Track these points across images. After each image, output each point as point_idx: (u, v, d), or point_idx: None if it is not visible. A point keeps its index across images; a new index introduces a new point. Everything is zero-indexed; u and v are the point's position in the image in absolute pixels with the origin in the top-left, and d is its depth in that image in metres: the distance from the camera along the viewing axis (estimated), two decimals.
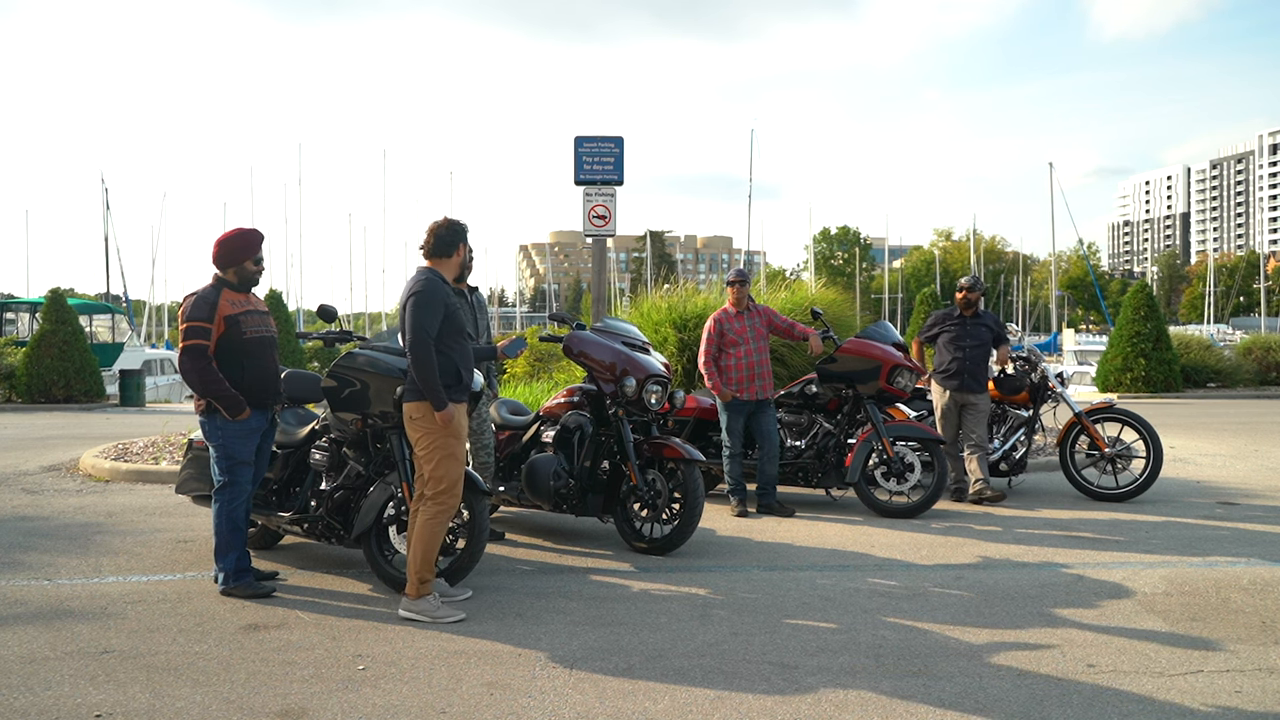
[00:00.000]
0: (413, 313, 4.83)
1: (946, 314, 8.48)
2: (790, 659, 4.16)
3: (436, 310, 4.86)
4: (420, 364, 4.78)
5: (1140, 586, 5.33)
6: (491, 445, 6.58)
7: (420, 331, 4.80)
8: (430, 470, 4.81)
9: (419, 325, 4.81)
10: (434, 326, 4.84)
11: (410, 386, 4.87)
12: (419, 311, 4.82)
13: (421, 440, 4.83)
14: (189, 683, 3.89)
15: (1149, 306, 21.83)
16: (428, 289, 4.89)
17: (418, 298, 4.85)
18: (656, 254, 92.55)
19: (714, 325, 7.73)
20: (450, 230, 5.09)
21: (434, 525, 4.81)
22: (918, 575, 5.63)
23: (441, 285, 4.97)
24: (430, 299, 4.86)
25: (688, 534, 6.11)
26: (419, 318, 4.81)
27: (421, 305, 4.83)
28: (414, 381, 4.84)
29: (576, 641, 4.40)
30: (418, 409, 4.83)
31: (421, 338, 4.80)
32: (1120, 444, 8.26)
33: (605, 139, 10.79)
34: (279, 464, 5.83)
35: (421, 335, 4.80)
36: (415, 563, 4.82)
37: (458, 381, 4.94)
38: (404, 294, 4.95)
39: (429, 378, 4.77)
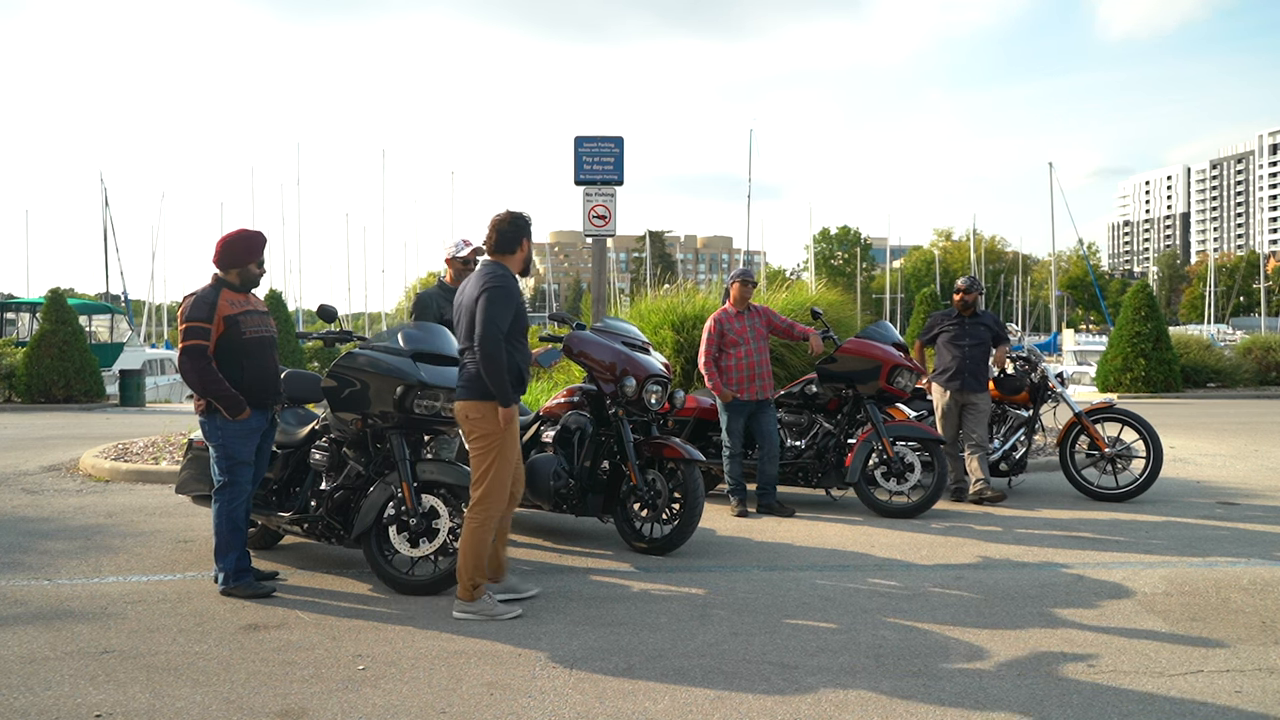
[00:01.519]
0: (486, 308, 4.73)
1: (945, 314, 8.48)
2: (790, 659, 4.16)
3: (510, 307, 4.80)
4: (491, 360, 4.70)
5: (1140, 586, 5.33)
6: None
7: (493, 327, 4.72)
8: (482, 470, 4.77)
9: (491, 321, 4.72)
10: (506, 323, 4.77)
11: (468, 384, 4.81)
12: (492, 307, 4.74)
13: (478, 440, 4.78)
14: (189, 683, 3.89)
15: (1149, 306, 21.83)
16: (504, 285, 4.81)
17: (491, 293, 4.76)
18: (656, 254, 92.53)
19: (714, 325, 7.73)
20: (514, 224, 4.97)
21: (482, 532, 4.78)
22: (918, 575, 5.63)
23: (515, 281, 4.91)
24: (506, 295, 4.78)
25: (688, 534, 6.11)
26: (492, 313, 4.73)
27: (496, 301, 4.75)
28: (473, 379, 4.78)
29: (576, 641, 4.40)
30: (475, 408, 4.77)
31: (494, 334, 4.71)
32: (1120, 444, 8.26)
33: (605, 139, 10.79)
34: (279, 464, 5.83)
35: (494, 331, 4.71)
36: (465, 567, 4.77)
37: (520, 382, 4.89)
38: (474, 289, 4.85)
39: (498, 375, 4.70)
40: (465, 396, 4.81)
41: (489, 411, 4.76)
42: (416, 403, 5.18)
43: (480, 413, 4.77)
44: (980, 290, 8.53)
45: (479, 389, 4.76)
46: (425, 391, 5.18)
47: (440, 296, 6.61)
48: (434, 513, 5.17)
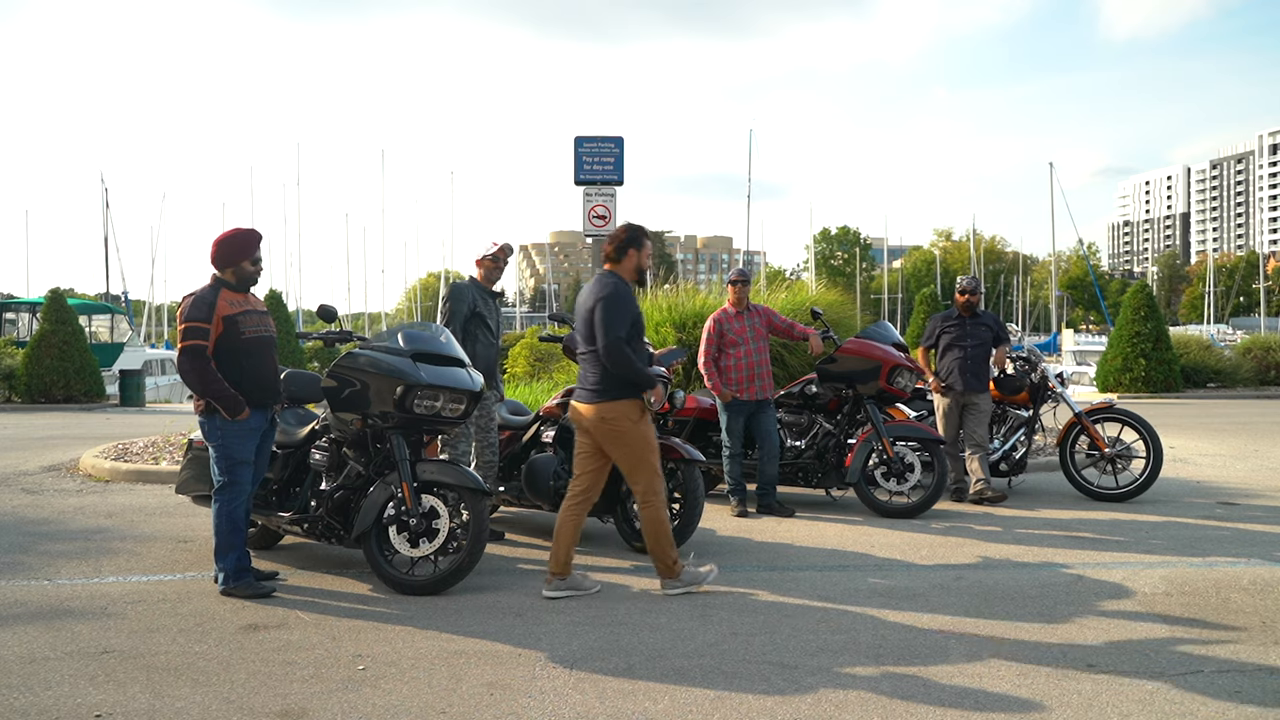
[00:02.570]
0: (603, 316, 5.06)
1: (946, 315, 8.48)
2: (790, 659, 4.16)
3: (624, 312, 5.11)
4: (623, 362, 5.01)
5: (1140, 586, 5.33)
6: (496, 446, 6.58)
7: (612, 333, 5.03)
8: (634, 463, 5.11)
9: (610, 327, 5.04)
10: (624, 328, 5.07)
11: (595, 389, 5.10)
12: (608, 314, 5.06)
13: (622, 438, 5.09)
14: (189, 683, 3.89)
15: (1149, 307, 21.84)
16: (615, 292, 5.14)
17: (605, 301, 5.08)
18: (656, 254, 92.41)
19: (713, 325, 7.73)
20: (626, 235, 5.29)
21: (660, 514, 5.15)
22: (918, 575, 5.63)
23: (629, 288, 5.24)
24: (618, 301, 5.11)
25: (688, 534, 6.11)
26: (609, 320, 5.04)
27: (610, 308, 5.07)
28: (598, 384, 5.09)
29: (576, 641, 4.40)
30: (610, 409, 5.06)
31: (615, 339, 5.03)
32: (1120, 444, 8.26)
33: (605, 139, 10.80)
34: (279, 464, 5.83)
35: (615, 337, 5.03)
36: (659, 550, 5.15)
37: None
38: (589, 297, 5.18)
39: (637, 370, 5.04)
40: (595, 400, 5.11)
41: (622, 410, 5.08)
42: (416, 403, 5.18)
43: (614, 413, 5.09)
44: (981, 291, 8.53)
45: (607, 392, 5.08)
46: (425, 391, 5.18)
47: (475, 291, 6.66)
48: (434, 513, 5.17)
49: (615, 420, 5.07)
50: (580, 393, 5.20)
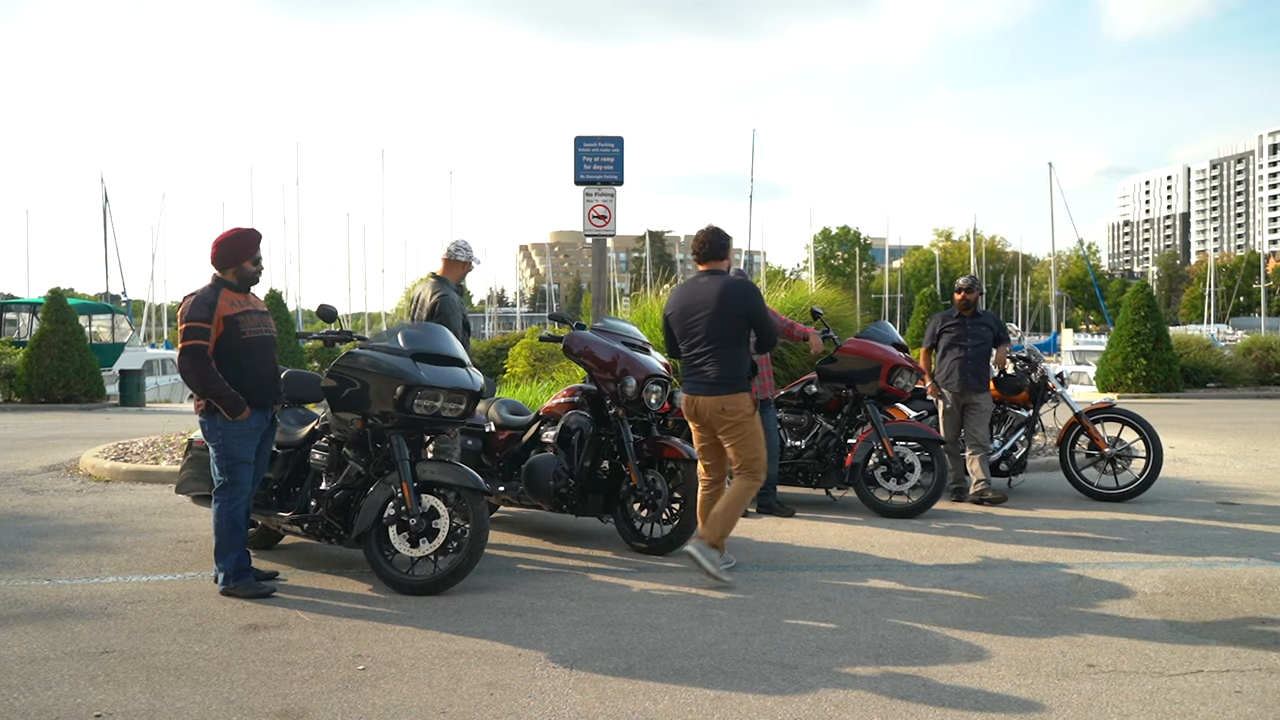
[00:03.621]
0: (764, 314, 5.63)
1: (946, 315, 8.48)
2: (790, 659, 4.16)
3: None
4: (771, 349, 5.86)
5: (1140, 586, 5.33)
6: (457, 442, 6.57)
7: (772, 328, 5.77)
8: (751, 448, 5.50)
9: (771, 324, 5.74)
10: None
11: (717, 382, 5.47)
12: (766, 313, 5.68)
13: (737, 428, 5.49)
14: (189, 683, 3.89)
15: (1149, 306, 21.83)
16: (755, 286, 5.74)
17: (761, 301, 5.64)
18: (656, 254, 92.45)
19: None
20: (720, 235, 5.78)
21: (750, 494, 5.52)
22: (918, 575, 5.63)
23: None
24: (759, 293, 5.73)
25: (688, 534, 6.10)
26: (766, 313, 5.69)
27: (762, 301, 5.67)
28: (721, 377, 5.47)
29: (577, 641, 4.40)
30: (731, 401, 5.48)
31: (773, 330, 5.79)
32: (1120, 444, 8.26)
33: (605, 139, 10.79)
34: (279, 464, 5.82)
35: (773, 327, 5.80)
36: (727, 523, 5.44)
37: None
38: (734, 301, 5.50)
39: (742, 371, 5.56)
40: (716, 393, 5.47)
41: (742, 401, 5.48)
42: (416, 403, 5.17)
43: (735, 404, 5.47)
44: (981, 290, 8.52)
45: (729, 384, 5.46)
46: (425, 391, 5.18)
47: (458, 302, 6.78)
48: (434, 513, 5.17)
49: (735, 410, 5.47)
50: (698, 386, 5.53)
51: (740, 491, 5.49)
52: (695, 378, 5.56)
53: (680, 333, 5.67)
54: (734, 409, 5.45)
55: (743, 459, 5.51)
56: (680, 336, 5.68)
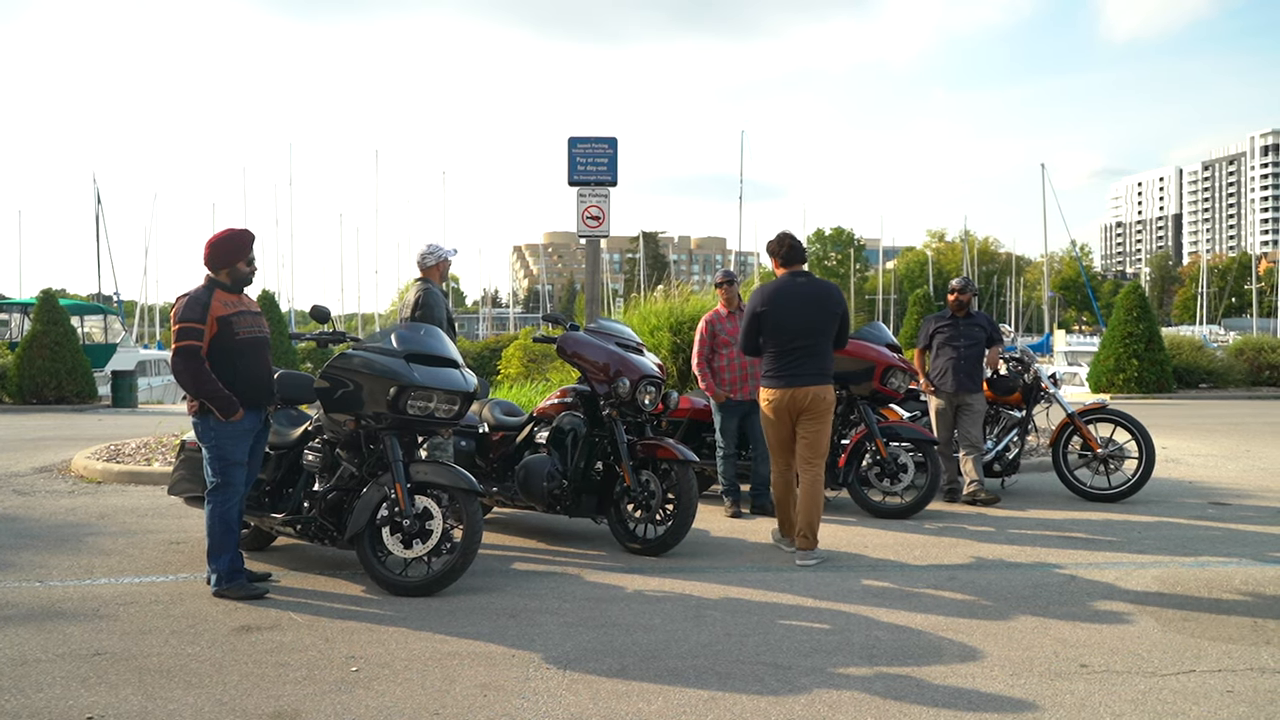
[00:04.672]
0: (846, 316, 6.15)
1: (939, 316, 8.49)
2: (784, 659, 4.16)
3: None
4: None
5: (1133, 586, 5.35)
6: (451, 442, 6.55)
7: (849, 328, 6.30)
8: (827, 439, 6.06)
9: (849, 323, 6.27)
10: None
11: (825, 373, 6.01)
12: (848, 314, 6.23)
13: (828, 414, 6.02)
14: (181, 684, 3.88)
15: (1141, 307, 21.91)
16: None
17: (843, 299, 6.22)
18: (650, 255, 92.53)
19: (705, 327, 7.73)
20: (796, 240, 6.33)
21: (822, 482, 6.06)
22: (911, 576, 5.64)
23: None
24: None
25: (681, 535, 6.11)
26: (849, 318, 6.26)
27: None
28: (828, 369, 6.04)
29: (570, 642, 4.40)
30: (830, 392, 6.04)
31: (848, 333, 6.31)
32: (1113, 444, 8.28)
33: (599, 140, 10.79)
34: (272, 465, 5.81)
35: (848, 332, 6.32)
36: (817, 517, 5.96)
37: None
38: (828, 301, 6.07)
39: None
40: (823, 382, 6.01)
41: (833, 393, 6.09)
42: (410, 404, 5.17)
43: (832, 395, 6.07)
44: (974, 291, 8.54)
45: (831, 376, 6.08)
46: (419, 392, 5.17)
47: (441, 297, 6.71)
48: (427, 514, 5.16)
49: (832, 401, 6.07)
50: (804, 378, 5.95)
51: (820, 480, 6.03)
52: (800, 369, 5.96)
53: (782, 328, 6.01)
54: (831, 399, 6.04)
55: (821, 448, 6.04)
56: (780, 331, 6.02)
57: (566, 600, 5.12)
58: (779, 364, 6.02)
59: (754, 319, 6.10)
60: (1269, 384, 22.52)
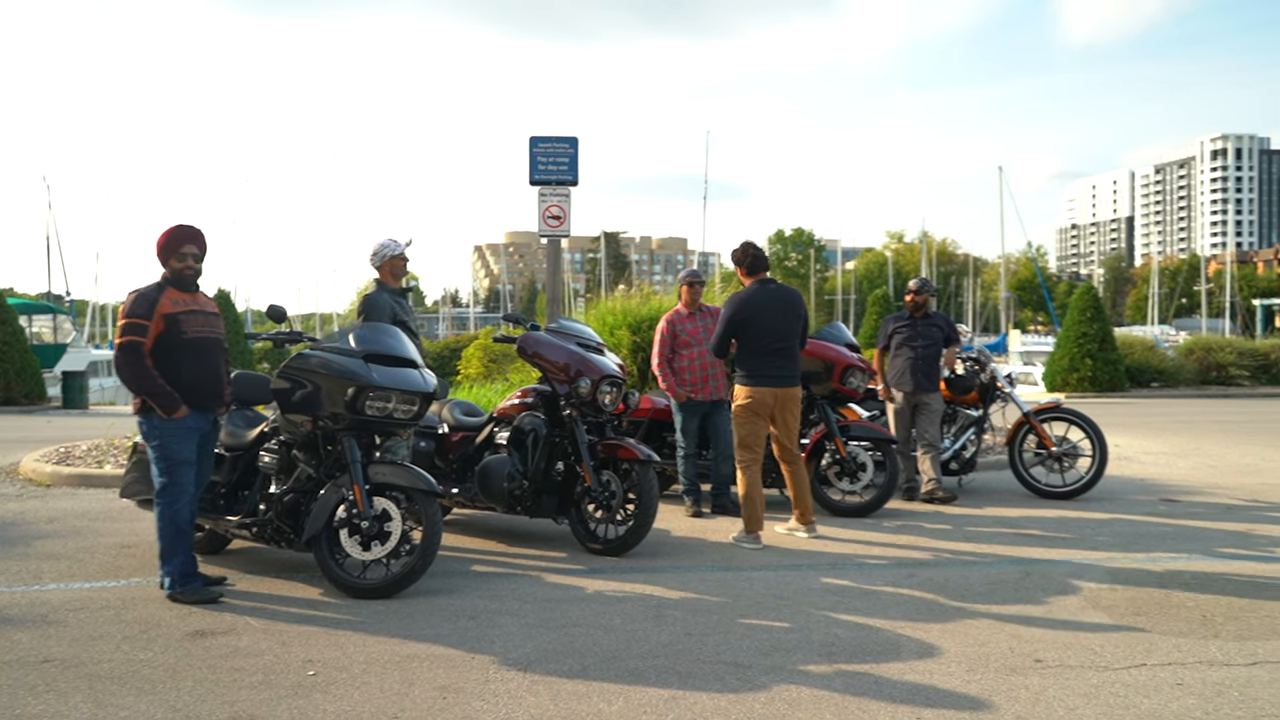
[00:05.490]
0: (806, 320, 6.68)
1: (898, 316, 8.58)
2: (744, 658, 4.18)
3: None
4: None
5: (1086, 582, 5.44)
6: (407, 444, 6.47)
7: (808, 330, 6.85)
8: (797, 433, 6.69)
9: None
10: None
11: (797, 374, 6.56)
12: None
13: (798, 413, 6.64)
14: (133, 691, 3.81)
15: (1095, 308, 22.30)
16: None
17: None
18: (612, 255, 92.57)
19: (666, 327, 7.73)
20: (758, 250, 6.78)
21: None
22: (870, 574, 5.69)
23: None
24: None
25: (642, 535, 6.12)
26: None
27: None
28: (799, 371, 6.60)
29: (531, 644, 4.39)
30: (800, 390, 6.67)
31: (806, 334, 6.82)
32: (1067, 443, 8.41)
33: (560, 139, 10.75)
34: (227, 467, 5.74)
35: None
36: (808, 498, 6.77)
37: None
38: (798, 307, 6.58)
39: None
40: (800, 382, 6.64)
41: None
42: (368, 404, 5.13)
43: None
44: (932, 292, 8.64)
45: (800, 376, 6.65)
46: (377, 393, 5.13)
47: (390, 297, 6.49)
48: (386, 515, 5.12)
49: (800, 396, 6.68)
50: (788, 378, 6.48)
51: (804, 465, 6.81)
52: (781, 370, 6.46)
53: (762, 332, 6.43)
54: (800, 396, 6.68)
55: (796, 440, 6.67)
56: (760, 335, 6.43)
57: (527, 601, 5.11)
58: (761, 365, 6.44)
59: (733, 325, 6.48)
60: (1217, 383, 23.01)
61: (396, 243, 6.58)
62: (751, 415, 6.47)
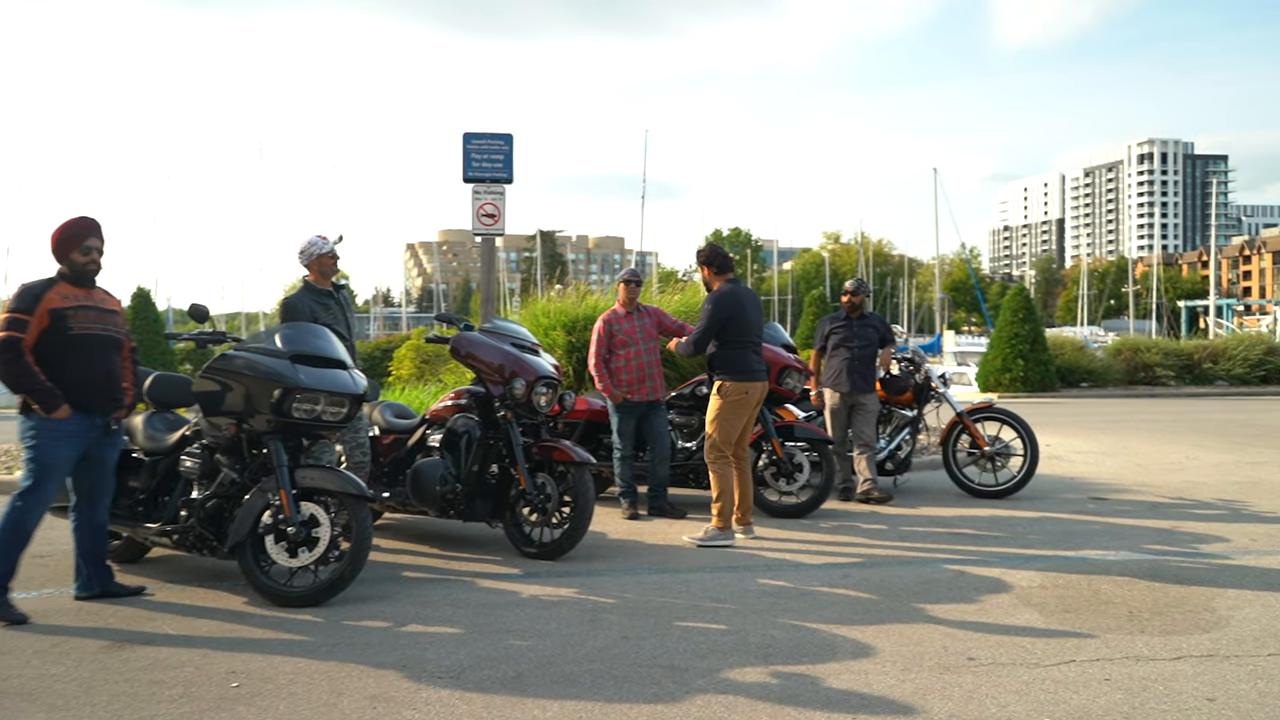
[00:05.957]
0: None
1: (834, 318, 8.69)
2: (681, 661, 4.19)
3: None
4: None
5: (1018, 580, 5.56)
6: (366, 445, 6.43)
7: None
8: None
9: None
10: None
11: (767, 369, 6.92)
12: None
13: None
14: (44, 707, 3.69)
15: (1027, 309, 22.82)
16: None
17: None
18: (547, 254, 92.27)
19: (603, 326, 7.73)
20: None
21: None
22: (806, 575, 5.75)
23: None
24: None
25: (578, 538, 6.11)
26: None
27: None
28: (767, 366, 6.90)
29: (464, 650, 4.35)
30: None
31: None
32: (999, 442, 8.60)
33: (495, 135, 10.68)
34: (145, 472, 5.59)
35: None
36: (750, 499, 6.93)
37: None
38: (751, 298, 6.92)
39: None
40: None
41: None
42: (295, 406, 5.03)
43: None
44: (868, 293, 8.76)
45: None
46: (304, 395, 5.04)
47: (311, 299, 6.32)
48: (314, 521, 5.03)
49: None
50: (765, 373, 6.85)
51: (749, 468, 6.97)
52: (762, 365, 6.83)
53: (747, 327, 6.74)
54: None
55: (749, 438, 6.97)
56: (746, 331, 6.73)
57: (460, 607, 5.06)
58: (748, 361, 6.73)
59: (722, 322, 6.69)
60: (1144, 383, 23.70)
61: (325, 240, 6.44)
62: (740, 411, 6.68)
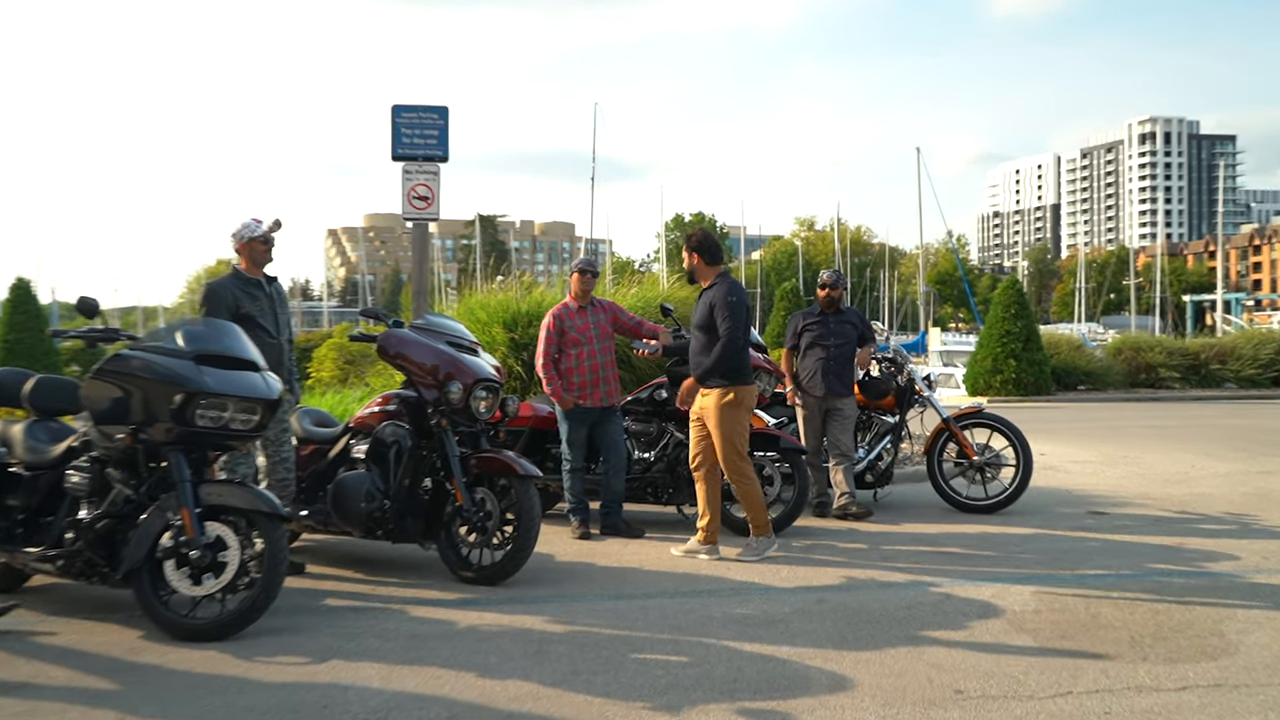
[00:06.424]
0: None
1: (808, 313, 8.72)
2: (637, 698, 4.19)
3: None
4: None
5: (1009, 604, 5.64)
6: (292, 460, 6.39)
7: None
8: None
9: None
10: None
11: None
12: None
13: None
14: None
15: (1019, 304, 23.07)
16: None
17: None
18: (488, 241, 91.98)
19: (553, 322, 7.70)
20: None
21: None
22: (777, 599, 5.78)
23: None
24: None
25: (522, 560, 6.09)
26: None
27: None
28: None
29: (391, 689, 4.31)
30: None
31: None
32: (990, 451, 8.66)
33: (428, 109, 10.61)
34: (24, 489, 5.48)
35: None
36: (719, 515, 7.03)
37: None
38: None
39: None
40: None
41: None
42: (200, 413, 4.97)
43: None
44: (845, 285, 8.80)
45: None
46: (210, 400, 4.98)
47: (236, 287, 6.34)
48: (220, 543, 4.97)
49: None
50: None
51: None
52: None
53: (748, 329, 6.85)
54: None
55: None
56: (747, 332, 6.81)
57: (387, 639, 5.02)
58: (747, 362, 6.86)
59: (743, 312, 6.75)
60: (1147, 385, 24.10)
61: (259, 223, 6.45)
62: (745, 417, 6.82)
